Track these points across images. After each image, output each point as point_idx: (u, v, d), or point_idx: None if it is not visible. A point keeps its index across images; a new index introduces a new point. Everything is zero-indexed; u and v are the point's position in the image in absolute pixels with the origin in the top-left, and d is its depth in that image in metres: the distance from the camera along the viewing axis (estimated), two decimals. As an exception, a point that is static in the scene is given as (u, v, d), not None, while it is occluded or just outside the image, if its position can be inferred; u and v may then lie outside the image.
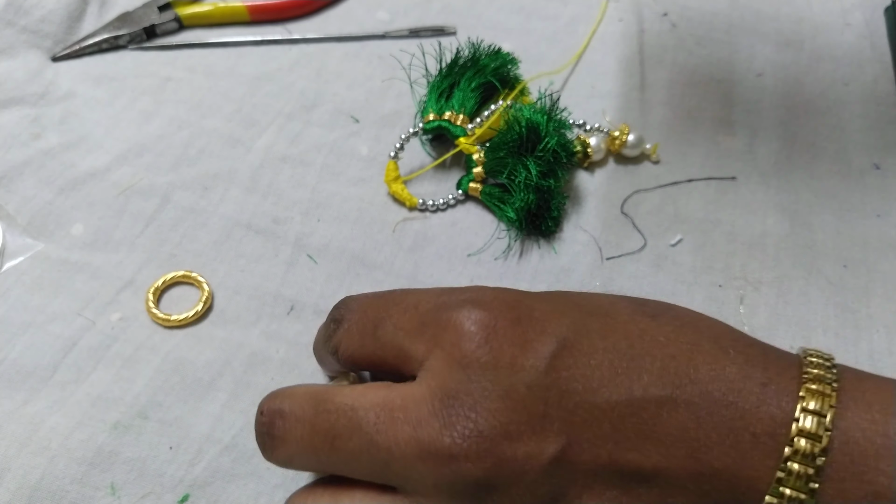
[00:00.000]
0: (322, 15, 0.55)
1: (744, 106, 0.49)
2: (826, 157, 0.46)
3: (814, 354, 0.26)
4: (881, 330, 0.38)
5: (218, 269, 0.41)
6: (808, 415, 0.23)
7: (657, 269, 0.41)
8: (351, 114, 0.48)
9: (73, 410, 0.35)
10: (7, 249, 0.41)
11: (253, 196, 0.44)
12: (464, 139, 0.43)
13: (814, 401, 0.23)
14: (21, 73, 0.49)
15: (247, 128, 0.47)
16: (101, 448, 0.34)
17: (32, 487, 0.33)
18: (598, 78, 0.51)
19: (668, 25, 0.54)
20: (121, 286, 0.40)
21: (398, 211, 0.43)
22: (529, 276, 0.40)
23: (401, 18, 0.54)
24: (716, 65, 0.52)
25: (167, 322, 0.38)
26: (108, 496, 0.33)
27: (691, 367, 0.24)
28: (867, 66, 0.52)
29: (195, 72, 0.51)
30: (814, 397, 0.23)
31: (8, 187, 0.43)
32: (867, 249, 0.42)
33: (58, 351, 0.37)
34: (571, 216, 0.43)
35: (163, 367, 0.37)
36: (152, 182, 0.44)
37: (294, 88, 0.50)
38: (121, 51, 0.52)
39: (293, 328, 0.38)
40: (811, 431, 0.23)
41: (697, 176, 0.45)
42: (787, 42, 0.53)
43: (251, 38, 0.53)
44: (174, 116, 0.48)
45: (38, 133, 0.46)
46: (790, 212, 0.43)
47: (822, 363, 0.25)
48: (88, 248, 0.41)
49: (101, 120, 0.47)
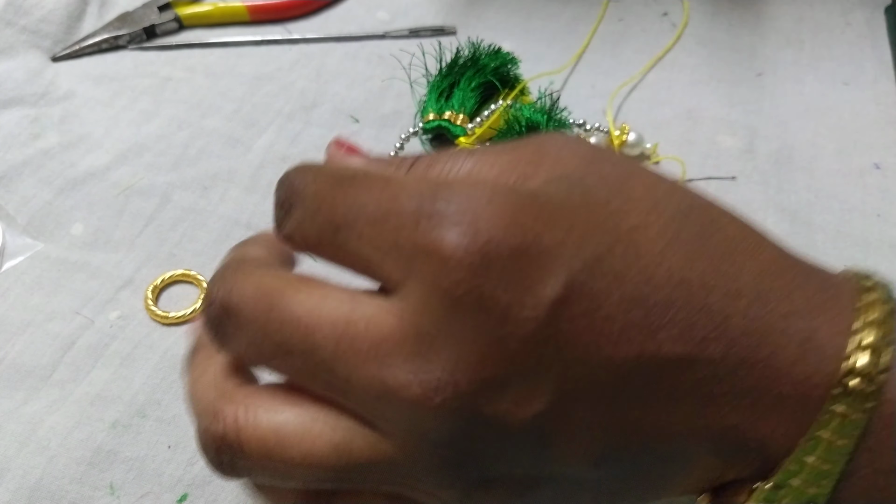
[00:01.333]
0: (322, 15, 0.55)
1: (744, 106, 0.49)
2: (826, 156, 0.46)
3: (872, 285, 0.22)
4: (881, 329, 0.38)
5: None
6: (862, 352, 0.20)
7: (657, 269, 0.41)
8: (351, 114, 0.48)
9: (72, 409, 0.35)
10: (7, 249, 0.41)
11: (253, 196, 0.44)
12: (464, 139, 0.43)
13: (866, 350, 0.20)
14: (21, 73, 0.49)
15: (247, 128, 0.47)
16: (101, 447, 0.34)
17: (32, 487, 0.33)
18: (599, 77, 0.51)
19: (669, 25, 0.54)
20: (120, 285, 0.40)
21: (398, 210, 0.43)
22: (529, 276, 0.40)
23: (401, 18, 0.54)
24: (716, 64, 0.52)
25: (165, 319, 0.38)
26: (107, 496, 0.33)
27: (721, 318, 0.20)
28: (867, 66, 0.51)
29: (195, 72, 0.51)
30: (865, 348, 0.20)
31: (8, 187, 0.43)
32: (868, 249, 0.42)
33: (57, 350, 0.37)
34: (571, 216, 0.43)
35: (161, 364, 0.37)
36: (152, 182, 0.44)
37: (294, 88, 0.50)
38: (121, 51, 0.52)
39: (292, 327, 0.38)
40: (856, 388, 0.20)
41: (697, 176, 0.45)
42: (787, 41, 0.53)
43: (251, 38, 0.53)
44: (174, 116, 0.48)
45: (38, 133, 0.46)
46: (790, 211, 0.43)
47: (880, 299, 0.22)
48: (88, 247, 0.41)
49: (100, 120, 0.47)
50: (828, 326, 0.21)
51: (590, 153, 0.23)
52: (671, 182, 0.23)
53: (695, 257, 0.21)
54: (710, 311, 0.20)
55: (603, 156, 0.23)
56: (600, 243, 0.20)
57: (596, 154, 0.23)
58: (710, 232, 0.22)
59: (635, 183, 0.22)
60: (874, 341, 0.21)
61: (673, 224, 0.21)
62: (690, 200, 0.22)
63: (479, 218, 0.19)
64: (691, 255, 0.21)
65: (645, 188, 0.22)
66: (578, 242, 0.20)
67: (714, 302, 0.20)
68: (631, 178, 0.22)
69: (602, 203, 0.21)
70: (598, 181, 0.22)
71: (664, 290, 0.20)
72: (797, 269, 0.23)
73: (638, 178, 0.22)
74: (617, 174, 0.22)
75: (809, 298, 0.22)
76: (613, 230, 0.20)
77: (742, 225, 0.23)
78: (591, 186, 0.21)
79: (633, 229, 0.20)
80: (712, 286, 0.20)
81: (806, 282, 0.22)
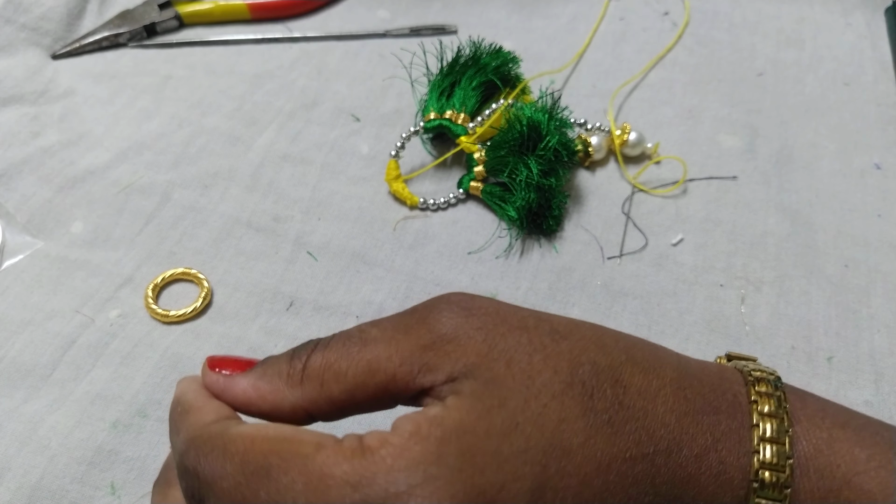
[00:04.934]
0: (323, 13, 0.55)
1: (745, 106, 0.49)
2: (827, 156, 0.46)
3: (759, 375, 0.25)
4: (882, 330, 0.38)
5: (217, 266, 0.41)
6: (766, 445, 0.22)
7: (658, 269, 0.41)
8: (351, 112, 0.48)
9: (73, 409, 0.35)
10: (7, 247, 0.41)
11: (253, 194, 0.44)
12: (465, 138, 0.43)
13: (769, 428, 0.23)
14: (21, 70, 0.49)
15: (247, 126, 0.47)
16: (101, 447, 0.34)
17: (32, 487, 0.33)
18: (599, 77, 0.51)
19: (669, 25, 0.54)
20: (120, 283, 0.40)
21: (399, 209, 0.43)
22: (531, 276, 0.40)
23: (401, 17, 0.54)
24: (717, 64, 0.52)
25: (166, 318, 0.38)
26: (108, 495, 0.33)
27: (648, 482, 0.22)
28: (868, 67, 0.52)
29: (195, 70, 0.50)
30: (768, 421, 0.23)
31: (7, 185, 0.43)
32: (868, 249, 0.42)
33: (57, 349, 0.37)
34: (573, 215, 0.43)
35: (161, 363, 0.37)
36: (152, 180, 0.44)
37: (294, 87, 0.50)
38: (121, 49, 0.52)
39: (292, 324, 0.38)
40: (773, 463, 0.22)
41: (698, 175, 0.45)
42: (788, 42, 0.53)
43: (252, 36, 0.53)
44: (174, 114, 0.48)
45: (38, 131, 0.46)
46: (791, 211, 0.43)
47: (768, 390, 0.24)
48: (88, 245, 0.41)
49: (100, 118, 0.47)
50: (734, 438, 0.23)
51: (481, 334, 0.23)
52: (561, 351, 0.23)
53: (615, 437, 0.22)
54: (637, 481, 0.22)
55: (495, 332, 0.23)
56: (538, 456, 0.20)
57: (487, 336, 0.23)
58: (619, 399, 0.22)
59: (535, 371, 0.22)
60: (773, 434, 0.23)
61: (583, 406, 0.22)
62: (591, 364, 0.23)
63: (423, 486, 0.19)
64: (610, 436, 0.22)
65: (543, 373, 0.22)
66: (522, 466, 0.20)
67: (639, 471, 0.22)
68: (525, 362, 0.22)
69: (519, 413, 0.21)
70: (506, 388, 0.21)
71: (599, 478, 0.21)
72: (694, 388, 0.24)
73: (533, 356, 0.22)
74: (514, 364, 0.22)
75: (713, 424, 0.23)
76: (542, 459, 0.21)
77: (641, 360, 0.24)
78: (499, 400, 0.21)
79: (558, 433, 0.21)
80: (634, 457, 0.22)
81: (704, 402, 0.23)
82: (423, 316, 0.23)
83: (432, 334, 0.22)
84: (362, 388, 0.22)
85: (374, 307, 0.39)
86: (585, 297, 0.40)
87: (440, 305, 0.23)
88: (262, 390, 0.23)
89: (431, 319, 0.23)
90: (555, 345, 0.23)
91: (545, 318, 0.24)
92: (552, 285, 0.40)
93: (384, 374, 0.22)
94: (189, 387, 0.24)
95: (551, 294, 0.40)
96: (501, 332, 0.22)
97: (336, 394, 0.22)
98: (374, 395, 0.22)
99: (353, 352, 0.23)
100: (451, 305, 0.23)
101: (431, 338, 0.22)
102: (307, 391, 0.22)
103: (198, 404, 0.23)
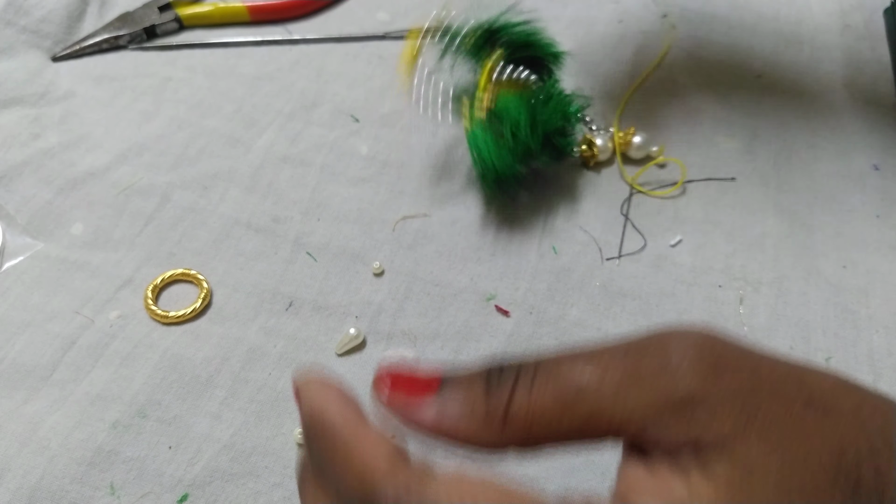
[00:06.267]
0: (322, 15, 0.55)
1: (743, 107, 0.49)
2: (826, 157, 0.46)
3: None
4: (881, 331, 0.38)
5: (217, 267, 0.41)
6: None
7: (657, 270, 0.41)
8: (351, 113, 0.48)
9: (73, 409, 0.35)
10: (7, 249, 0.41)
11: (253, 195, 0.44)
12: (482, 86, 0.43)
13: None
14: (21, 73, 0.49)
15: (247, 128, 0.47)
16: (101, 447, 0.34)
17: (32, 487, 0.33)
18: (599, 79, 0.51)
19: (669, 27, 0.55)
20: (120, 284, 0.40)
21: (398, 210, 0.43)
22: (529, 276, 0.40)
23: (401, 19, 0.54)
24: (715, 66, 0.52)
25: (165, 318, 0.38)
26: (107, 496, 0.33)
27: (877, 497, 0.19)
28: (866, 68, 0.52)
29: (195, 72, 0.51)
30: None
31: (8, 187, 0.43)
32: (867, 250, 0.42)
33: (57, 349, 0.37)
34: (572, 216, 0.43)
35: (161, 364, 0.37)
36: (152, 181, 0.44)
37: (294, 88, 0.50)
38: (121, 51, 0.52)
39: (292, 324, 0.38)
40: None
41: (697, 177, 0.45)
42: (786, 43, 0.53)
43: (251, 38, 0.53)
44: (174, 116, 0.48)
45: (38, 133, 0.46)
46: (790, 212, 0.43)
47: None
48: (88, 247, 0.41)
49: (100, 120, 0.47)
50: None
51: None
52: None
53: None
54: None
55: None
56: None
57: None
58: (880, 493, 0.19)
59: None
60: None
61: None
62: (855, 451, 0.20)
63: None
64: None
65: None
66: None
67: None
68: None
69: None
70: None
71: None
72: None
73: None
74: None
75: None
76: None
77: (892, 442, 0.21)
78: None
79: None
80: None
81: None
82: (661, 364, 0.19)
83: (675, 393, 0.19)
84: (577, 437, 0.20)
85: (374, 307, 0.39)
86: (584, 297, 0.40)
87: (681, 351, 0.20)
88: (452, 428, 0.20)
89: (671, 370, 0.19)
90: (816, 423, 0.19)
91: (803, 381, 0.20)
92: (551, 286, 0.40)
93: (606, 427, 0.19)
94: (331, 404, 0.20)
95: (550, 295, 0.40)
96: (757, 403, 0.19)
97: (543, 441, 0.20)
98: (587, 442, 0.20)
99: (568, 400, 0.19)
100: (697, 356, 0.20)
101: (673, 398, 0.19)
102: (508, 436, 0.20)
103: (357, 436, 0.20)
